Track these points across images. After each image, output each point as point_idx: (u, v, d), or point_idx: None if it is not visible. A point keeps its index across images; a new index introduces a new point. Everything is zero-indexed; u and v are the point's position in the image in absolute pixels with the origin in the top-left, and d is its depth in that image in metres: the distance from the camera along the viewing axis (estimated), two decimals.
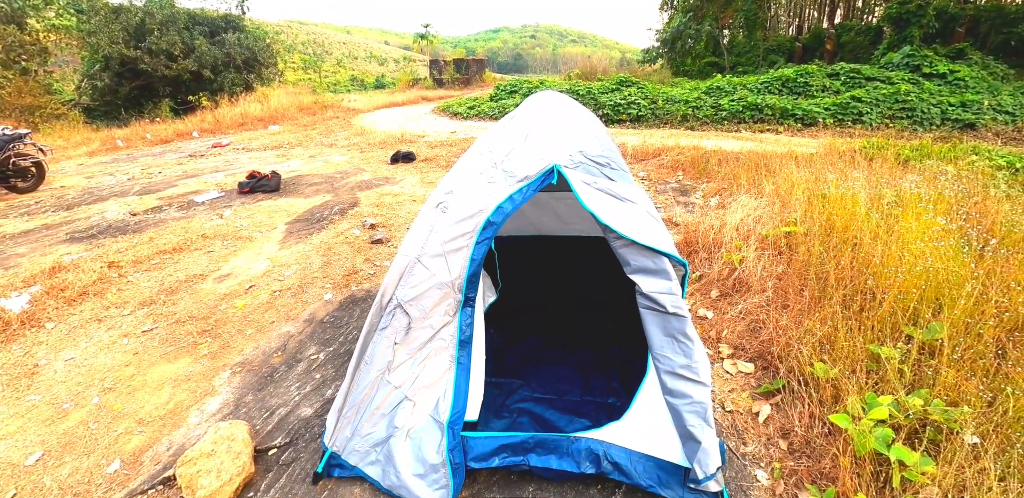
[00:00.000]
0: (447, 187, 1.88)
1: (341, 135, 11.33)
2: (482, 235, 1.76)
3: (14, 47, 19.52)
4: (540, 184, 1.77)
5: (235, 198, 6.25)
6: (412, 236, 1.84)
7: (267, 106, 17.18)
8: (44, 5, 21.35)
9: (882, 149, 6.68)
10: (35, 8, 21.07)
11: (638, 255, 1.63)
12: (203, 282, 3.82)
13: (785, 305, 2.78)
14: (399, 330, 1.80)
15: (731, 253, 3.37)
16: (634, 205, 1.72)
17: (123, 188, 7.48)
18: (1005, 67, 14.19)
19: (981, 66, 13.97)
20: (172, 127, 15.03)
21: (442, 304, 1.80)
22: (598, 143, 1.94)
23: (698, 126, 10.32)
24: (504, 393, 2.25)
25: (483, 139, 2.18)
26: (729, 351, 2.58)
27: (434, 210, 1.85)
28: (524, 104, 2.54)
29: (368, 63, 75.62)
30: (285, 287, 3.63)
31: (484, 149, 2.02)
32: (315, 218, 5.18)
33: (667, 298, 1.59)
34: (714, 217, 4.09)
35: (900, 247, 2.88)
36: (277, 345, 2.90)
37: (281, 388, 2.49)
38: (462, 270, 1.77)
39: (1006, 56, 15.51)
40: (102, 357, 2.92)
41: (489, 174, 1.85)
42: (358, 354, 1.86)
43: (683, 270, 1.72)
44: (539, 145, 1.87)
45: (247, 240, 4.67)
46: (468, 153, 2.11)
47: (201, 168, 8.71)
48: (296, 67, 48.85)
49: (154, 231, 5.13)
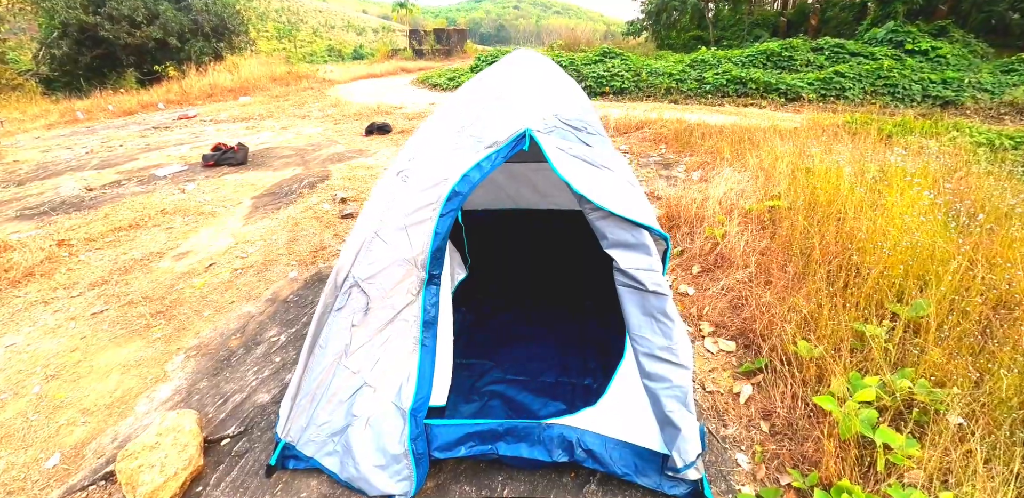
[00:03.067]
0: (409, 154, 1.70)
1: (315, 106, 10.88)
2: (447, 206, 1.60)
3: None
4: (511, 151, 1.60)
5: (199, 172, 5.93)
6: (370, 208, 1.67)
7: (237, 76, 16.45)
8: None
9: (865, 124, 6.59)
10: None
11: (616, 228, 1.49)
12: (160, 260, 3.60)
13: (768, 281, 2.69)
14: (357, 310, 1.65)
15: (713, 228, 3.26)
16: (611, 173, 1.57)
17: (80, 162, 7.07)
18: (985, 45, 14.20)
19: (962, 44, 13.94)
20: (136, 98, 14.30)
21: (404, 282, 1.65)
22: (574, 105, 1.76)
23: (682, 99, 10.13)
24: (474, 375, 2.13)
25: (449, 102, 1.99)
26: (710, 329, 2.49)
27: (394, 179, 1.67)
28: (496, 64, 2.34)
29: (346, 33, 72.71)
30: (248, 265, 3.43)
31: (450, 113, 1.83)
32: (283, 192, 4.93)
33: (646, 275, 1.46)
34: (696, 191, 3.96)
35: (885, 221, 2.80)
36: (236, 327, 2.72)
37: (238, 373, 2.33)
38: (425, 245, 1.61)
39: (986, 35, 15.52)
40: (46, 342, 2.72)
41: (455, 140, 1.67)
42: (311, 337, 1.71)
43: (664, 245, 1.59)
44: (510, 108, 1.69)
45: (210, 216, 4.41)
46: (432, 117, 1.92)
47: (165, 141, 8.28)
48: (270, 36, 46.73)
49: (110, 207, 4.83)
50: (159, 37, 18.78)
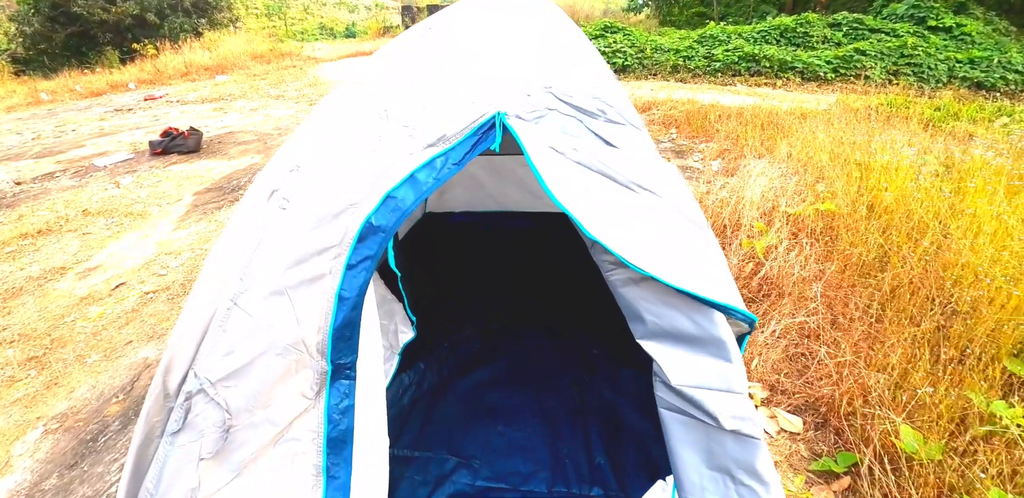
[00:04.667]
0: (291, 160, 0.98)
1: (292, 86, 10.07)
2: (359, 251, 0.90)
3: None
4: (470, 151, 0.89)
5: (145, 161, 5.18)
6: (218, 256, 0.97)
7: (216, 54, 15.55)
8: None
9: (903, 107, 5.85)
10: None
11: (662, 304, 0.79)
12: (61, 279, 2.89)
13: (834, 322, 2.00)
14: (207, 434, 0.95)
15: (752, 239, 2.56)
16: (655, 198, 0.86)
17: (22, 149, 6.31)
18: (1007, 24, 13.35)
19: (984, 21, 13.10)
20: (106, 78, 13.44)
21: (290, 381, 0.96)
22: (583, 74, 1.04)
23: (689, 78, 9.34)
24: (430, 481, 1.44)
25: (372, 65, 1.26)
26: (764, 394, 1.81)
27: (265, 206, 0.96)
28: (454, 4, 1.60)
29: (338, 10, 70.60)
30: (163, 286, 2.72)
31: (369, 87, 1.10)
32: (231, 187, 4.20)
33: (720, 400, 0.77)
34: (722, 187, 3.25)
35: (988, 239, 2.11)
36: (123, 382, 2.03)
37: (100, 465, 1.65)
38: (324, 318, 0.92)
39: (1006, 14, 14.65)
40: None
41: (374, 132, 0.96)
42: (130, 478, 1.02)
43: (747, 329, 0.90)
44: (470, 75, 0.98)
45: (139, 217, 3.69)
46: (340, 91, 1.21)
47: (122, 124, 7.51)
48: (260, 14, 45.09)
49: (29, 206, 4.10)
50: (136, 13, 17.76)
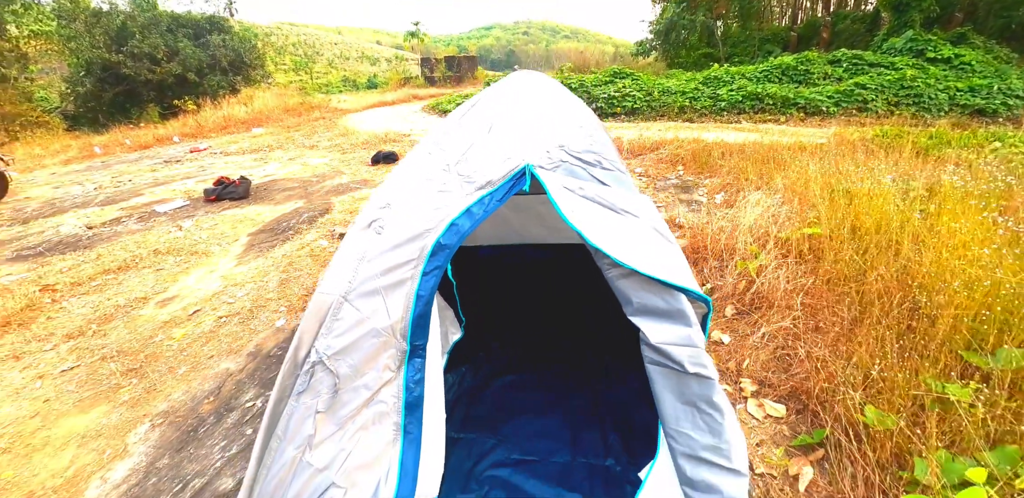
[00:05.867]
0: (383, 200, 1.41)
1: (324, 136, 10.84)
2: (431, 263, 1.29)
3: None
4: (508, 192, 1.30)
5: (200, 207, 5.77)
6: (337, 267, 1.37)
7: (251, 108, 16.69)
8: (24, 10, 20.73)
9: (897, 137, 6.21)
10: (14, 14, 20.45)
11: (642, 290, 1.16)
12: (144, 307, 3.35)
13: (818, 327, 2.31)
14: (322, 394, 1.33)
15: (746, 261, 2.90)
16: (636, 219, 1.25)
17: (87, 198, 7.00)
18: (1008, 51, 13.76)
19: (984, 50, 13.54)
20: (152, 132, 14.52)
21: (380, 357, 1.34)
22: (585, 135, 1.46)
23: (696, 118, 9.86)
24: (474, 455, 1.78)
25: (433, 133, 1.71)
26: (753, 387, 2.11)
27: (366, 231, 1.38)
28: (493, 86, 2.07)
29: (360, 63, 74.91)
30: (233, 312, 3.15)
31: (434, 146, 1.54)
32: (281, 228, 4.70)
33: (685, 352, 1.13)
34: (722, 217, 3.62)
35: (950, 253, 2.42)
36: (211, 387, 2.43)
37: (203, 449, 2.02)
38: (406, 311, 1.31)
39: (1007, 40, 15.12)
40: (7, 406, 2.45)
41: (440, 180, 1.38)
42: (267, 427, 1.39)
43: (705, 309, 1.26)
44: (506, 139, 1.40)
45: (203, 255, 4.19)
46: (414, 152, 1.64)
47: (173, 175, 8.23)
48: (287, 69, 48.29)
49: (105, 247, 4.65)
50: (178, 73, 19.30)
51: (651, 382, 1.18)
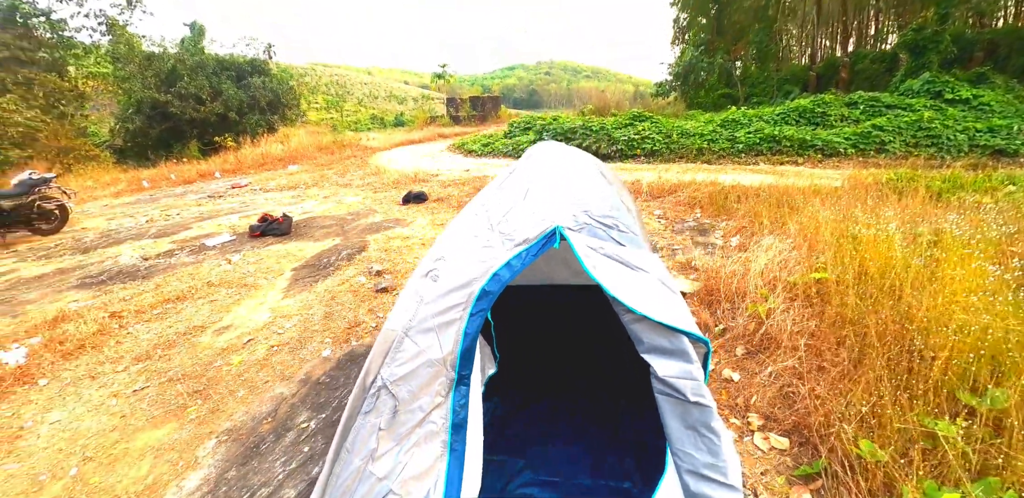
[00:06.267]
0: (438, 253, 1.72)
1: (357, 175, 11.42)
2: (476, 306, 1.58)
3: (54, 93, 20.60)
4: (541, 248, 1.59)
5: (246, 242, 6.22)
6: (400, 308, 1.67)
7: (288, 146, 17.54)
8: (84, 54, 22.63)
9: (911, 181, 6.40)
10: (76, 57, 22.32)
11: (651, 333, 1.43)
12: (202, 335, 3.69)
13: (820, 367, 2.51)
14: (384, 414, 1.60)
15: (757, 303, 3.12)
16: (646, 274, 1.53)
17: (140, 231, 7.55)
18: None
19: (1005, 90, 13.64)
20: (195, 167, 15.36)
21: (433, 384, 1.61)
22: (605, 202, 1.77)
23: (714, 159, 10.17)
24: (505, 475, 2.01)
25: (480, 196, 2.03)
26: (760, 422, 2.30)
27: (424, 279, 1.68)
28: (525, 156, 2.41)
29: (388, 102, 78.39)
30: (283, 342, 3.47)
31: (480, 208, 1.87)
32: (322, 264, 5.08)
33: (686, 384, 1.38)
34: (736, 260, 3.85)
35: (947, 298, 2.61)
36: (268, 409, 2.71)
37: (266, 463, 2.28)
38: (455, 345, 1.59)
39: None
40: (88, 420, 2.77)
41: (485, 237, 1.69)
42: (338, 441, 1.66)
43: (705, 349, 1.51)
44: (539, 204, 1.71)
45: (252, 288, 4.56)
46: (463, 213, 1.97)
47: (218, 209, 8.78)
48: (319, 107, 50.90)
49: (162, 277, 5.08)
50: (220, 112, 20.55)
51: (659, 409, 1.42)
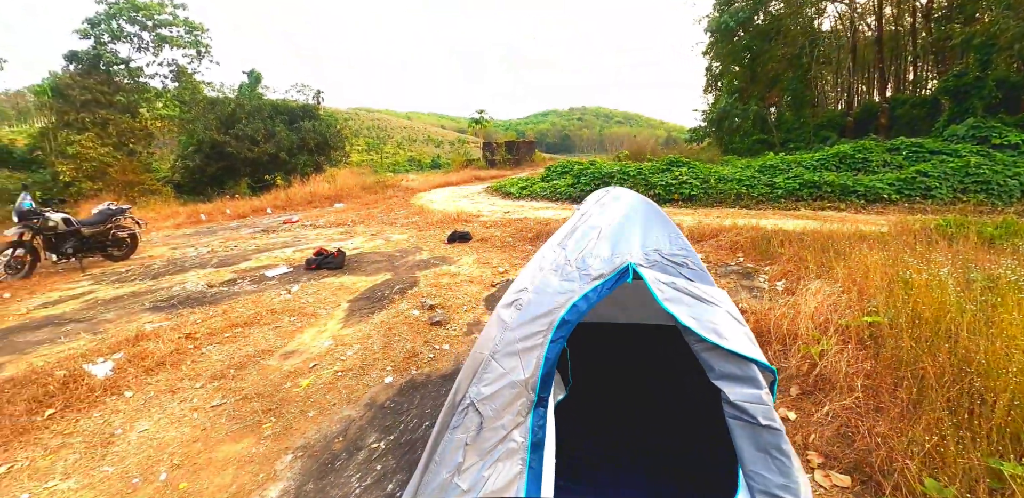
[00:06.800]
0: (520, 285, 1.92)
1: (400, 214, 11.92)
2: (556, 333, 1.75)
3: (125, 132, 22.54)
4: (615, 283, 1.78)
5: (302, 274, 6.58)
6: (486, 333, 1.86)
7: (334, 185, 18.44)
8: (155, 97, 24.90)
9: (961, 227, 6.34)
10: (147, 100, 24.55)
11: (722, 360, 1.57)
12: (270, 358, 3.94)
13: (878, 408, 2.53)
14: (470, 430, 1.76)
15: (809, 345, 3.17)
16: (716, 307, 1.69)
17: (203, 260, 8.06)
18: None
19: None
20: (249, 203, 16.27)
21: (515, 404, 1.76)
22: (672, 242, 1.96)
23: (753, 205, 10.23)
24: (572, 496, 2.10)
25: (556, 236, 2.25)
26: (819, 460, 2.33)
27: (508, 308, 1.87)
28: (594, 199, 2.64)
29: (425, 145, 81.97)
30: (347, 367, 3.67)
31: (557, 246, 2.08)
32: (376, 297, 5.34)
33: (758, 408, 1.50)
34: (784, 304, 3.91)
35: (1006, 342, 2.62)
36: (338, 430, 2.88)
37: (341, 478, 2.43)
38: (536, 369, 1.75)
39: None
40: (172, 431, 2.99)
41: (563, 271, 1.89)
42: (428, 453, 1.81)
43: (772, 377, 1.63)
44: (612, 243, 1.91)
45: (312, 316, 4.84)
46: (542, 250, 2.18)
47: (272, 243, 9.29)
48: (361, 149, 53.62)
49: (228, 303, 5.42)
50: (273, 152, 21.91)
51: (731, 432, 1.54)
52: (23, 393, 3.46)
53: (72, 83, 21.04)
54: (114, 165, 21.01)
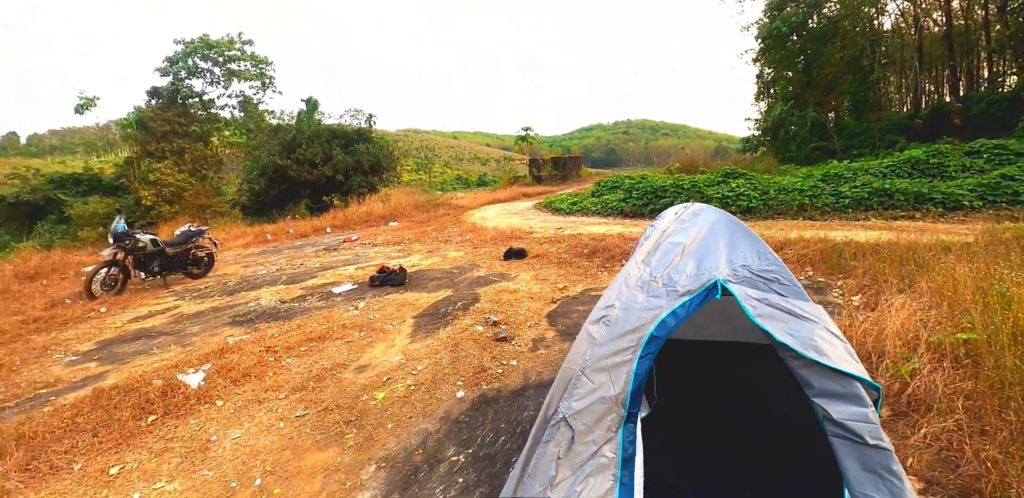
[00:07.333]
0: (607, 301, 1.96)
1: (454, 231, 12.15)
2: (645, 349, 1.77)
3: (199, 159, 24.42)
4: (704, 299, 1.79)
5: (366, 290, 6.84)
6: (575, 348, 1.90)
7: (387, 204, 19.07)
8: (224, 126, 26.96)
9: None
10: (218, 129, 26.62)
11: (822, 377, 1.54)
12: (345, 371, 4.12)
13: (983, 431, 2.37)
14: (562, 444, 1.79)
15: (898, 364, 3.01)
16: (813, 323, 1.66)
17: (272, 277, 8.53)
18: None
19: None
20: (309, 223, 17.07)
21: (605, 419, 1.79)
22: (761, 257, 1.95)
23: (818, 216, 9.74)
24: None
25: (638, 252, 2.28)
26: (920, 486, 2.20)
27: (596, 324, 1.92)
28: (673, 215, 2.65)
29: (472, 164, 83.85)
30: (419, 382, 3.79)
31: (641, 262, 2.11)
32: (439, 313, 5.48)
33: (864, 427, 1.46)
34: (864, 320, 3.73)
35: None
36: (417, 442, 2.97)
37: (425, 490, 2.51)
38: (625, 385, 1.77)
39: None
40: (262, 439, 3.18)
41: (649, 287, 1.91)
42: (521, 465, 1.86)
43: (876, 394, 1.58)
44: (698, 259, 1.93)
45: (380, 332, 5.02)
46: (626, 267, 2.21)
47: (335, 261, 9.69)
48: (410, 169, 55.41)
49: (301, 319, 5.71)
50: (330, 175, 22.98)
51: (835, 452, 1.50)
52: (128, 400, 3.77)
53: (154, 116, 23.13)
54: (189, 190, 22.77)
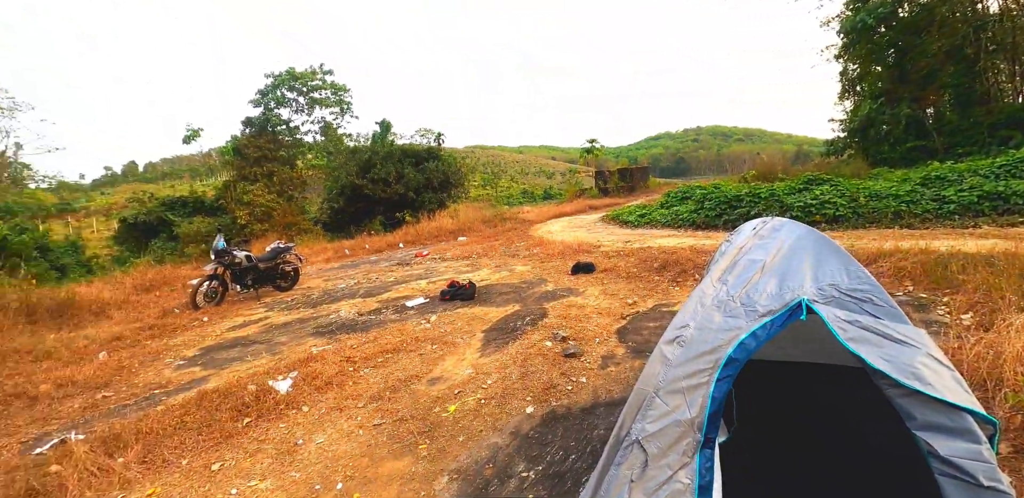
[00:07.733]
0: (682, 321, 1.92)
1: (521, 245, 12.22)
2: (723, 372, 1.71)
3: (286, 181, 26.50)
4: (787, 319, 1.70)
5: (438, 304, 7.04)
6: (649, 369, 1.87)
7: (456, 220, 19.59)
8: (307, 150, 29.25)
9: None
10: (302, 153, 28.90)
11: (926, 408, 1.41)
12: (418, 383, 4.25)
13: None
14: (635, 467, 1.75)
15: (1019, 393, 2.67)
16: (915, 348, 1.53)
17: (351, 291, 9.00)
18: None
19: None
20: (383, 239, 17.90)
21: (680, 443, 1.73)
22: (852, 276, 1.82)
23: (917, 224, 8.82)
24: None
25: (714, 269, 2.21)
26: None
27: (670, 345, 1.87)
28: (751, 230, 2.54)
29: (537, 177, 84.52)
30: (489, 396, 3.84)
31: (717, 281, 2.04)
32: (508, 328, 5.54)
33: (978, 466, 1.32)
34: (977, 341, 3.35)
35: None
36: (487, 456, 3.01)
37: None
38: (702, 408, 1.71)
39: None
40: (343, 445, 3.35)
41: (727, 307, 1.85)
42: (593, 487, 1.84)
43: (992, 430, 1.42)
44: (779, 277, 1.84)
45: (451, 345, 5.15)
46: (701, 285, 2.15)
47: (408, 275, 10.05)
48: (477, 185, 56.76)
49: (377, 331, 5.98)
50: (402, 192, 24.07)
51: (942, 492, 1.36)
52: (227, 403, 4.12)
53: (247, 143, 25.55)
54: (277, 209, 24.76)
